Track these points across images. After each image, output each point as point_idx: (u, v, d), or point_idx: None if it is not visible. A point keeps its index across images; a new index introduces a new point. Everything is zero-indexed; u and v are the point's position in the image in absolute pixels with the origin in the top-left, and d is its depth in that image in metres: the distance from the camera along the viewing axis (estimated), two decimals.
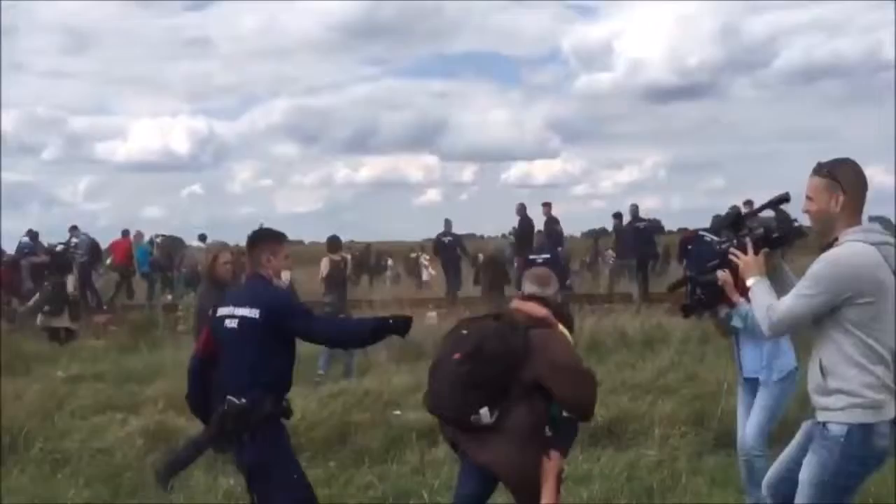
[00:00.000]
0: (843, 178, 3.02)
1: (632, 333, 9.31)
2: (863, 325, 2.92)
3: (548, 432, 3.64)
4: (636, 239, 15.09)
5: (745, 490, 4.62)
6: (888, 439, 2.92)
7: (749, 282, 3.15)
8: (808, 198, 3.07)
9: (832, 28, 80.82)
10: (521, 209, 15.62)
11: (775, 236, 3.30)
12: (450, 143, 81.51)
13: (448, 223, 16.81)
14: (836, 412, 2.93)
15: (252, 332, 3.64)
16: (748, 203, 12.87)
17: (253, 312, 3.65)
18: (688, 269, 4.50)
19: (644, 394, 6.90)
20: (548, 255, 12.01)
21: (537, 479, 3.54)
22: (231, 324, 3.71)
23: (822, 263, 2.98)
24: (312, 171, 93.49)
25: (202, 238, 16.44)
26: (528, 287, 3.87)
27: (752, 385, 4.44)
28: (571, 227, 48.05)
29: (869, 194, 3.10)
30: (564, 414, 3.63)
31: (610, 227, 17.94)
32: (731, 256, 3.28)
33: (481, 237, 17.25)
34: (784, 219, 3.26)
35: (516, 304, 3.88)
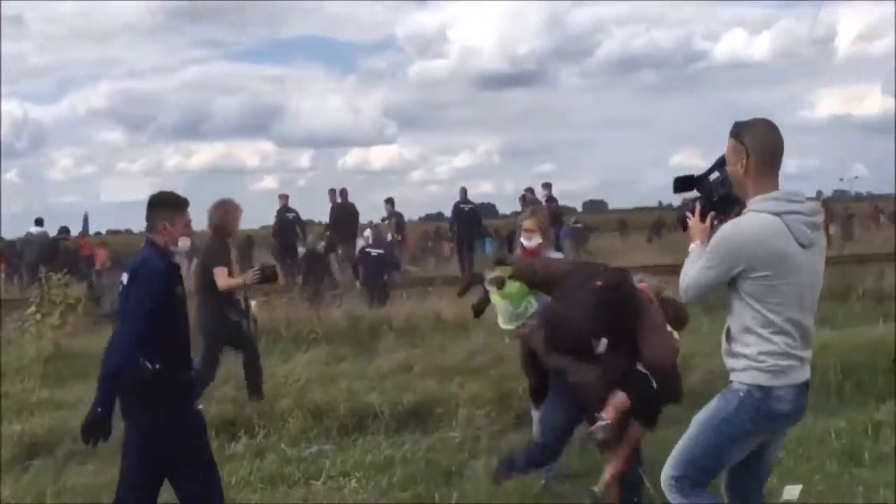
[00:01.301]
0: (747, 139, 2.91)
1: (447, 316, 9.36)
2: (759, 299, 2.87)
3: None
4: (462, 221, 15.31)
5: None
6: (790, 403, 2.92)
7: (690, 246, 3.14)
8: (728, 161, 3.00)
9: (650, 20, 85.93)
10: (333, 195, 15.11)
11: (715, 199, 3.15)
12: (286, 128, 79.79)
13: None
14: (739, 373, 2.96)
15: (124, 300, 3.64)
16: (546, 185, 13.19)
17: (125, 279, 3.64)
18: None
19: (453, 376, 6.94)
20: (381, 251, 11.96)
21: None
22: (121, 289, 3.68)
23: (718, 234, 2.94)
24: (140, 157, 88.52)
25: (39, 223, 16.11)
26: None
27: None
28: (410, 212, 48.21)
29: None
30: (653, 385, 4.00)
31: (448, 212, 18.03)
32: (688, 219, 3.20)
33: (319, 223, 16.64)
34: (726, 181, 3.13)
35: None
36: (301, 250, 14.03)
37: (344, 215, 14.78)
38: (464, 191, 15.81)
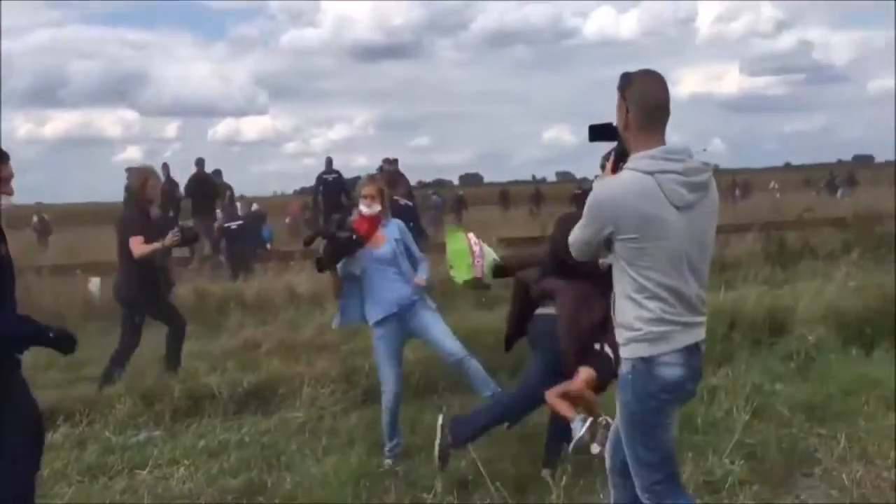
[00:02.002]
0: (628, 93, 2.75)
1: (302, 291, 9.06)
2: (631, 262, 2.72)
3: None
4: (326, 191, 14.91)
5: (388, 436, 4.72)
6: (680, 367, 2.75)
7: None
8: None
9: None
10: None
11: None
12: (150, 96, 76.00)
13: None
14: (622, 348, 2.82)
15: None
16: (391, 162, 13.12)
17: None
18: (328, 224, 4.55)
19: (301, 354, 6.67)
20: (241, 221, 11.48)
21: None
22: None
23: (591, 193, 2.79)
24: None
25: None
26: None
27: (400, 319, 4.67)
28: (285, 185, 46.91)
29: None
30: None
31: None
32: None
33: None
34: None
35: None
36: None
37: (201, 188, 14.08)
38: (329, 161, 15.38)
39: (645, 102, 2.73)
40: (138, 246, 5.91)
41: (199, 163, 14.37)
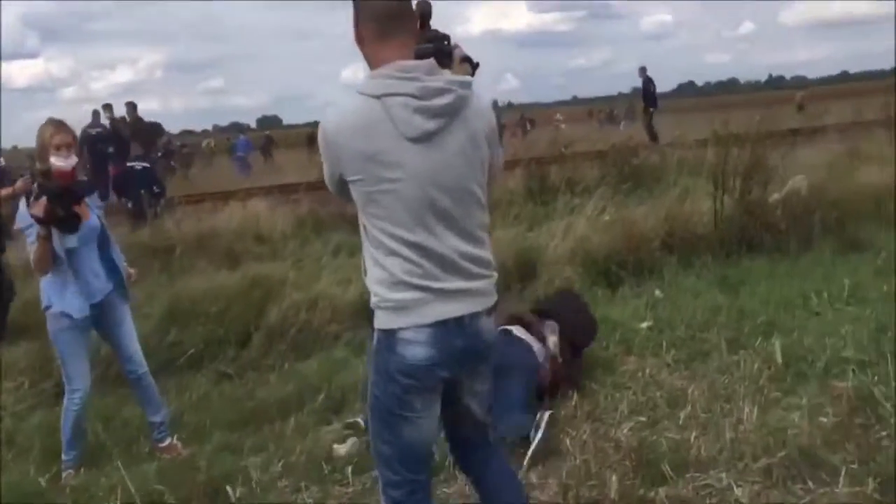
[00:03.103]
0: (357, 2, 2.26)
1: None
2: (364, 210, 2.19)
3: None
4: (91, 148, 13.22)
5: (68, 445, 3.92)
6: (427, 347, 2.18)
7: None
8: None
9: None
10: None
11: None
12: None
13: None
14: (374, 319, 2.25)
15: None
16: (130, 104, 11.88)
17: None
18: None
19: None
20: (146, 164, 10.00)
21: None
22: None
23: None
24: None
25: None
26: None
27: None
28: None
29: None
30: None
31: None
32: None
33: None
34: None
35: None
36: None
37: None
38: (95, 114, 13.60)
39: (374, 10, 2.21)
40: None
41: None
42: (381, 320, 2.21)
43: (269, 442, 4.01)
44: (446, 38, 3.61)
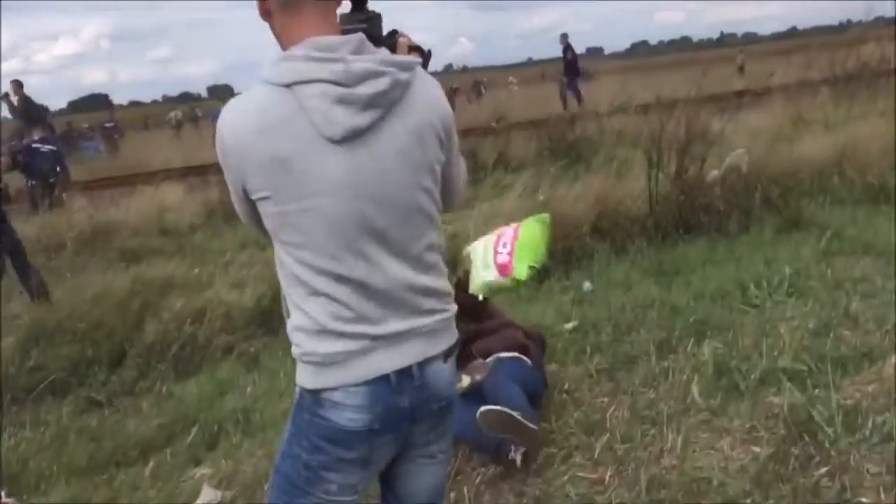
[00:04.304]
0: None
1: None
2: (277, 238, 1.61)
3: None
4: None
5: None
6: (359, 412, 1.62)
7: None
8: None
9: None
10: None
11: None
12: None
13: None
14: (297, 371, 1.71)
15: None
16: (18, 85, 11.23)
17: None
18: None
19: None
20: (53, 147, 9.24)
21: None
22: None
23: None
24: None
25: None
26: None
27: None
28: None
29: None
30: None
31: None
32: None
33: None
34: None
35: None
36: None
37: None
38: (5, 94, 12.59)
39: None
40: None
41: None
42: (303, 377, 1.66)
43: (121, 492, 3.43)
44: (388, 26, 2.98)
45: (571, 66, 18.41)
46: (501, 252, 3.41)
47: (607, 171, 6.96)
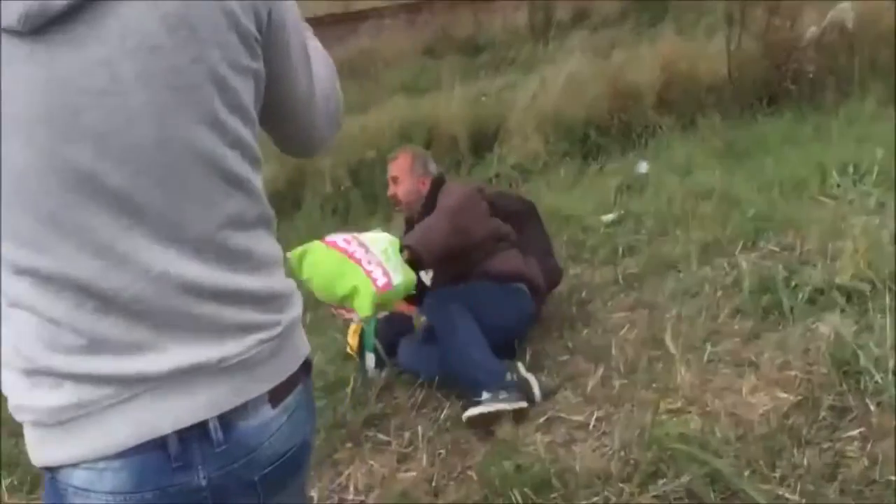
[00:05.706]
0: None
1: None
2: None
3: None
4: None
5: None
6: (122, 501, 0.95)
7: None
8: None
9: None
10: None
11: None
12: None
13: None
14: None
15: None
16: None
17: None
18: None
19: None
20: None
21: None
22: None
23: None
24: None
25: None
26: None
27: None
28: None
29: None
30: None
31: None
32: None
33: None
34: None
35: None
36: None
37: None
38: None
39: None
40: None
41: None
42: (31, 447, 0.99)
43: None
44: None
45: None
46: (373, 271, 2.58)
47: (683, 31, 6.02)
